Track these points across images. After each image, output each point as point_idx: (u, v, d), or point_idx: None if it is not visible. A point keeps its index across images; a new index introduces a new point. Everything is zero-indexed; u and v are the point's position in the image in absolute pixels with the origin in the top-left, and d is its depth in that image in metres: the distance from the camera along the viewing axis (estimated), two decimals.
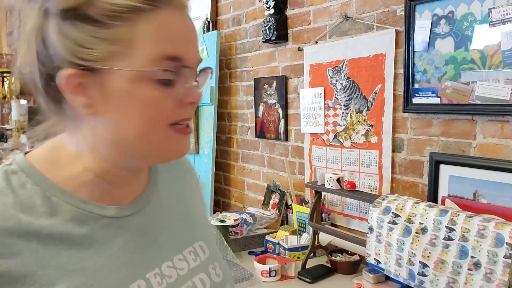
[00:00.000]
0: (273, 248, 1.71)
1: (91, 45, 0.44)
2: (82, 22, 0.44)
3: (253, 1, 2.15)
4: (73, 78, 0.45)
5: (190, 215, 0.62)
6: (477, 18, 1.23)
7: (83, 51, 0.44)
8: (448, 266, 1.08)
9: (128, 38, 0.44)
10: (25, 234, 0.43)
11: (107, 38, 0.44)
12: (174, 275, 0.53)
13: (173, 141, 0.49)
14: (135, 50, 0.45)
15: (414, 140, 1.45)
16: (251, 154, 2.25)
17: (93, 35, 0.44)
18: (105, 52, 0.44)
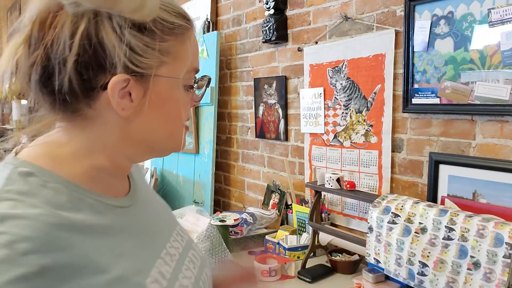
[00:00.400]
0: (273, 248, 1.72)
1: (146, 54, 0.49)
2: (142, 33, 0.49)
3: (253, 2, 2.15)
4: (124, 82, 0.49)
5: (162, 205, 0.70)
6: (477, 19, 1.23)
7: (138, 59, 0.49)
8: (447, 265, 1.08)
9: (175, 51, 0.52)
10: (69, 228, 0.45)
11: (160, 49, 0.50)
12: (176, 253, 0.60)
13: (182, 137, 0.57)
14: (178, 62, 0.53)
15: (413, 140, 1.45)
16: (251, 154, 2.26)
17: (149, 45, 0.49)
18: (156, 61, 0.50)
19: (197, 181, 2.40)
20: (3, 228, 0.41)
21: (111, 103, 0.49)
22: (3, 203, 0.43)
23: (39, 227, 0.42)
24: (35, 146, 0.52)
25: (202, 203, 2.33)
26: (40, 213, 0.44)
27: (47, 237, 0.42)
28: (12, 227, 0.41)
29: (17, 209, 0.43)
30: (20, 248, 0.40)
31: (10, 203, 0.43)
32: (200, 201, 2.36)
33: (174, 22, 0.51)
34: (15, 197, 0.44)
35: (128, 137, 0.53)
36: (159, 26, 0.50)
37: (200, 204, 2.34)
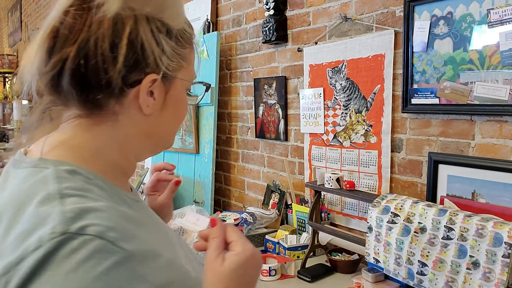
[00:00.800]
0: (273, 247, 1.72)
1: (172, 57, 0.55)
2: (171, 39, 0.54)
3: (253, 2, 2.15)
4: (152, 82, 0.53)
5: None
6: (476, 19, 1.24)
7: (167, 61, 0.54)
8: (447, 265, 1.08)
9: (189, 57, 0.59)
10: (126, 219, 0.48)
11: (181, 55, 0.56)
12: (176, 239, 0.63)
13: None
14: (189, 67, 0.59)
15: (413, 140, 1.46)
16: (251, 154, 2.26)
17: (175, 50, 0.55)
18: (178, 65, 0.56)
19: (197, 181, 2.41)
20: (89, 220, 0.42)
21: (139, 100, 0.53)
22: (71, 199, 0.44)
23: (113, 217, 0.45)
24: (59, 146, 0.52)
25: (202, 203, 2.34)
26: (106, 205, 0.46)
27: (122, 226, 0.45)
28: (97, 219, 0.43)
29: (88, 203, 0.45)
30: (110, 237, 0.42)
31: (75, 199, 0.45)
32: (200, 201, 2.36)
33: (190, 32, 0.58)
34: (75, 193, 0.46)
35: (143, 134, 0.57)
36: (182, 34, 0.56)
37: (200, 204, 2.34)
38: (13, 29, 7.92)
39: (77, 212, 0.43)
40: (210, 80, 2.29)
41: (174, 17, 0.54)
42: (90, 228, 0.42)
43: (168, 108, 0.57)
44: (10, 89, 5.93)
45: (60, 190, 0.45)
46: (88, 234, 0.41)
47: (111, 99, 0.51)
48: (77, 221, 0.42)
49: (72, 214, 0.42)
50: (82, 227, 0.42)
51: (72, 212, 0.42)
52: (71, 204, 0.44)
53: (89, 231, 0.41)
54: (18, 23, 7.43)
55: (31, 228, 0.42)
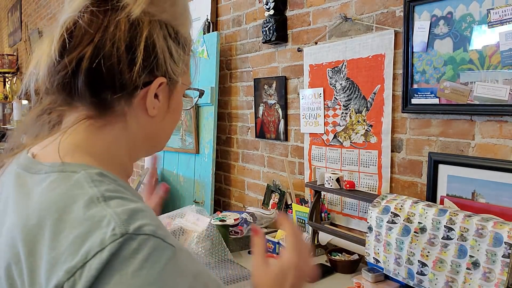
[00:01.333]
0: (273, 247, 1.72)
1: (178, 63, 0.57)
2: (178, 45, 0.56)
3: (253, 2, 2.15)
4: (161, 85, 0.55)
5: None
6: (476, 19, 1.24)
7: (174, 66, 0.56)
8: (447, 265, 1.08)
9: (188, 63, 0.61)
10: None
11: (184, 61, 0.59)
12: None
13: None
14: (189, 73, 0.62)
15: (413, 140, 1.46)
16: (251, 154, 2.26)
17: (180, 56, 0.57)
18: (181, 70, 0.58)
19: (197, 181, 2.41)
20: (141, 220, 0.44)
21: (146, 101, 0.54)
22: (114, 201, 0.46)
23: (154, 216, 0.47)
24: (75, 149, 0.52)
25: (202, 203, 2.34)
26: (145, 205, 0.48)
27: (161, 224, 0.47)
28: (146, 219, 0.45)
29: (131, 204, 0.46)
30: (161, 235, 0.45)
31: (120, 201, 0.46)
32: (200, 201, 2.36)
33: (191, 40, 0.61)
34: (115, 195, 0.47)
35: (146, 135, 0.59)
36: (186, 42, 0.59)
37: (200, 204, 2.34)
38: (13, 29, 7.92)
39: (129, 213, 0.44)
40: (210, 80, 2.29)
41: (184, 25, 0.57)
42: (145, 228, 0.44)
43: (170, 111, 0.59)
44: (10, 89, 5.94)
45: (101, 192, 0.46)
46: (144, 233, 0.43)
47: (122, 100, 0.52)
48: (133, 222, 0.44)
49: (126, 216, 0.44)
50: (139, 227, 0.43)
51: (125, 214, 0.44)
52: (117, 206, 0.45)
53: (145, 231, 0.44)
54: (18, 23, 7.43)
55: (86, 231, 0.43)
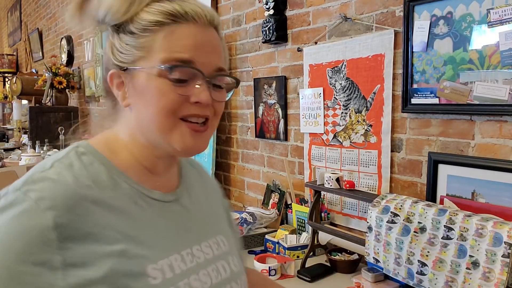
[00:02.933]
0: (273, 247, 1.72)
1: (126, 51, 0.59)
2: (123, 33, 0.59)
3: (253, 2, 2.15)
4: (115, 76, 0.60)
5: (212, 212, 0.74)
6: (476, 19, 1.24)
7: (121, 56, 0.59)
8: (446, 265, 1.08)
9: (149, 45, 0.57)
10: (95, 200, 0.54)
11: (136, 46, 0.58)
12: (202, 257, 0.63)
13: (187, 137, 0.59)
14: (152, 54, 0.57)
15: (412, 140, 1.46)
16: (251, 154, 2.26)
17: (128, 43, 0.58)
18: (134, 56, 0.58)
19: None
20: (37, 186, 0.52)
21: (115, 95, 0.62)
22: (51, 169, 0.54)
23: (65, 192, 0.52)
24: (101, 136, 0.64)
25: None
26: (73, 182, 0.53)
27: (69, 201, 0.52)
28: (44, 187, 0.52)
29: (56, 176, 0.54)
30: (43, 205, 0.50)
31: (55, 170, 0.54)
32: None
33: (151, 21, 0.57)
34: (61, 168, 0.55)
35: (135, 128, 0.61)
36: (137, 25, 0.58)
37: None
38: (12, 29, 7.92)
39: (38, 177, 0.53)
40: None
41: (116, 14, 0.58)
42: (32, 193, 0.51)
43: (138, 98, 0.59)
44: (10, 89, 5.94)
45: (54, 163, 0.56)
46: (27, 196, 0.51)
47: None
48: (33, 184, 0.52)
49: (32, 179, 0.53)
50: (28, 190, 0.51)
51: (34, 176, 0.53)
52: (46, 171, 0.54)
53: (30, 194, 0.51)
54: (17, 23, 7.42)
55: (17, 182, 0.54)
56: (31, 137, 4.06)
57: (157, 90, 0.57)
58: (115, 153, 0.61)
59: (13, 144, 4.52)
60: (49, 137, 3.93)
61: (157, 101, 0.57)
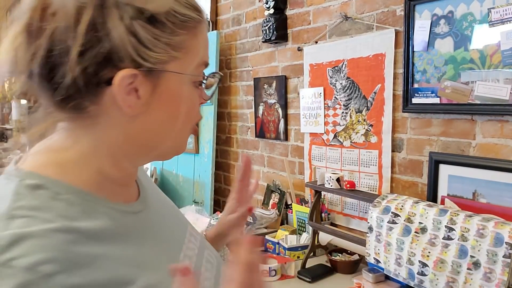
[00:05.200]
0: (273, 247, 1.72)
1: (155, 47, 0.45)
2: (152, 24, 0.45)
3: (253, 1, 2.15)
4: (131, 78, 0.45)
5: (168, 205, 0.66)
6: (477, 18, 1.23)
7: (149, 53, 0.45)
8: (447, 265, 1.08)
9: (188, 46, 0.48)
10: (87, 240, 0.42)
11: (171, 44, 0.47)
12: (193, 255, 0.58)
13: (186, 140, 0.54)
14: (189, 56, 0.49)
15: (413, 140, 1.45)
16: (251, 154, 2.26)
17: (159, 39, 0.46)
18: (166, 55, 0.46)
19: (197, 181, 2.40)
20: (21, 250, 0.38)
21: (117, 99, 0.45)
22: (16, 221, 0.40)
23: (58, 245, 0.40)
24: (39, 154, 0.48)
25: (202, 203, 2.33)
26: (56, 228, 0.41)
27: (69, 255, 0.40)
28: (31, 248, 0.38)
29: (32, 227, 0.40)
30: (45, 271, 0.37)
31: (23, 221, 0.40)
32: (200, 201, 2.36)
33: (186, 15, 0.48)
34: (27, 214, 0.41)
35: (132, 138, 0.49)
36: (173, 19, 0.46)
37: (199, 204, 2.34)
38: None
39: (13, 239, 0.38)
40: None
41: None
42: (20, 260, 0.37)
43: (158, 107, 0.48)
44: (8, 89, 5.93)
45: (10, 210, 0.41)
46: (16, 266, 0.37)
47: (83, 100, 0.45)
48: (9, 250, 0.37)
49: (5, 242, 0.38)
50: (12, 258, 0.37)
51: (6, 239, 0.38)
52: (13, 228, 0.39)
53: (18, 263, 0.37)
54: None
55: None
56: None
57: (189, 98, 0.50)
58: (70, 171, 0.47)
59: (14, 148, 4.50)
60: None
61: (188, 110, 0.51)
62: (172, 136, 0.51)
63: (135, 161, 0.53)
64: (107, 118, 0.47)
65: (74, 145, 0.48)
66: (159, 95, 0.48)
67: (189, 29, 0.48)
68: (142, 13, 0.44)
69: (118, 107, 0.46)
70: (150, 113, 0.48)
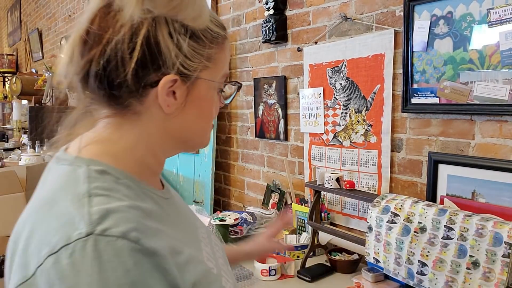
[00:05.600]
0: None
1: (193, 57, 0.55)
2: (193, 39, 0.55)
3: (253, 2, 2.15)
4: (172, 82, 0.54)
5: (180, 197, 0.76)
6: (476, 19, 1.24)
7: (188, 62, 0.55)
8: (447, 265, 1.08)
9: (216, 58, 0.58)
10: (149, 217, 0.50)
11: (205, 55, 0.56)
12: (206, 238, 0.68)
13: (210, 135, 0.65)
14: (217, 67, 0.59)
15: (413, 140, 1.46)
16: (251, 153, 2.26)
17: (196, 51, 0.55)
18: (201, 65, 0.56)
19: (197, 181, 2.40)
20: (111, 222, 0.45)
21: (159, 99, 0.54)
22: (95, 199, 0.47)
23: (135, 218, 0.47)
24: (92, 144, 0.55)
25: (202, 202, 2.34)
26: (129, 205, 0.48)
27: (143, 226, 0.47)
28: (118, 220, 0.45)
29: (112, 204, 0.47)
30: (133, 237, 0.44)
31: (101, 198, 0.47)
32: (200, 200, 2.36)
33: (218, 32, 0.58)
34: (103, 193, 0.48)
35: (168, 132, 0.58)
36: (207, 34, 0.56)
37: (200, 203, 2.34)
38: (12, 28, 7.92)
39: (102, 213, 0.45)
40: None
41: (194, 18, 0.54)
42: (113, 229, 0.44)
43: (190, 108, 0.58)
44: (9, 89, 5.94)
45: (89, 190, 0.48)
46: (111, 235, 0.44)
47: (132, 98, 0.54)
48: (102, 222, 0.44)
49: (97, 216, 0.45)
50: (106, 228, 0.44)
51: (97, 214, 0.45)
52: (97, 204, 0.46)
53: (112, 233, 0.44)
54: (17, 23, 7.43)
55: (58, 227, 0.45)
56: (31, 137, 4.06)
57: (213, 101, 0.61)
58: (121, 160, 0.55)
59: (13, 144, 4.53)
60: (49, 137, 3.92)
61: (211, 111, 0.61)
62: (200, 132, 0.62)
63: (168, 152, 0.62)
64: (148, 115, 0.56)
65: (121, 137, 0.56)
66: (191, 97, 0.57)
67: (218, 44, 0.58)
68: (186, 29, 0.54)
69: (159, 106, 0.55)
70: (183, 112, 0.57)
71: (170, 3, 0.52)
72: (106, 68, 0.51)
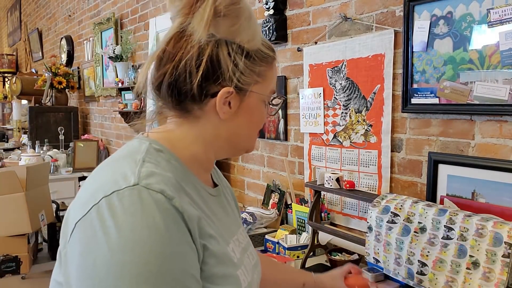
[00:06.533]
0: (273, 247, 1.72)
1: (247, 73, 0.66)
2: (247, 58, 0.66)
3: (252, 2, 2.15)
4: (228, 93, 0.65)
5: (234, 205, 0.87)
6: (476, 19, 1.24)
7: (242, 77, 0.66)
8: (446, 265, 1.08)
9: (265, 75, 0.69)
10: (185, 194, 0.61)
11: (256, 72, 0.68)
12: (242, 242, 0.76)
13: (255, 142, 0.77)
14: (266, 83, 0.70)
15: (413, 140, 1.46)
16: (251, 153, 2.26)
17: (249, 68, 0.67)
18: (252, 80, 0.68)
19: None
20: (154, 179, 0.57)
21: (216, 107, 0.65)
22: (148, 164, 0.60)
23: (173, 184, 0.59)
24: (158, 132, 0.69)
25: None
26: (171, 177, 0.60)
27: (179, 193, 0.58)
28: (159, 180, 0.57)
29: (157, 170, 0.59)
30: (168, 195, 0.56)
31: (151, 165, 0.60)
32: None
33: (267, 53, 0.69)
34: (154, 162, 0.61)
35: (220, 135, 0.69)
36: (259, 55, 0.67)
37: None
38: (12, 28, 7.92)
39: (148, 173, 0.57)
40: None
41: (249, 41, 0.66)
42: (155, 185, 0.56)
43: (241, 116, 0.69)
44: (9, 89, 5.94)
45: (144, 157, 0.61)
46: (152, 189, 0.55)
47: (194, 105, 0.66)
48: (147, 178, 0.56)
49: (145, 174, 0.57)
50: (150, 183, 0.56)
51: (145, 172, 0.57)
52: (147, 167, 0.59)
53: (153, 187, 0.55)
54: (17, 23, 7.43)
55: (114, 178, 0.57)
56: (31, 137, 4.06)
57: (261, 112, 0.72)
58: (177, 149, 0.67)
59: (13, 144, 4.53)
60: (49, 137, 3.93)
61: (259, 120, 0.73)
62: (247, 138, 0.73)
63: (218, 153, 0.73)
64: (206, 119, 0.68)
65: (182, 133, 0.69)
66: (243, 107, 0.68)
67: (268, 63, 0.69)
68: (242, 50, 0.65)
69: (215, 112, 0.66)
70: (235, 119, 0.69)
71: (230, 28, 0.63)
72: (177, 80, 0.63)
